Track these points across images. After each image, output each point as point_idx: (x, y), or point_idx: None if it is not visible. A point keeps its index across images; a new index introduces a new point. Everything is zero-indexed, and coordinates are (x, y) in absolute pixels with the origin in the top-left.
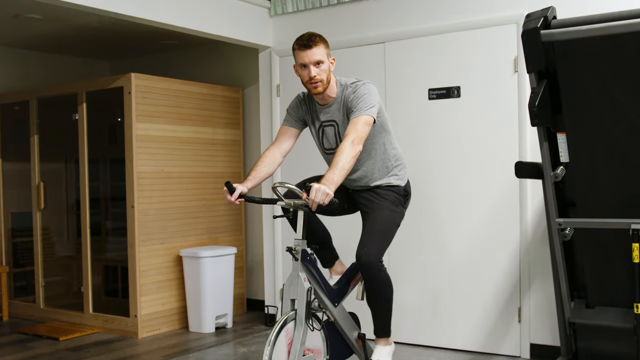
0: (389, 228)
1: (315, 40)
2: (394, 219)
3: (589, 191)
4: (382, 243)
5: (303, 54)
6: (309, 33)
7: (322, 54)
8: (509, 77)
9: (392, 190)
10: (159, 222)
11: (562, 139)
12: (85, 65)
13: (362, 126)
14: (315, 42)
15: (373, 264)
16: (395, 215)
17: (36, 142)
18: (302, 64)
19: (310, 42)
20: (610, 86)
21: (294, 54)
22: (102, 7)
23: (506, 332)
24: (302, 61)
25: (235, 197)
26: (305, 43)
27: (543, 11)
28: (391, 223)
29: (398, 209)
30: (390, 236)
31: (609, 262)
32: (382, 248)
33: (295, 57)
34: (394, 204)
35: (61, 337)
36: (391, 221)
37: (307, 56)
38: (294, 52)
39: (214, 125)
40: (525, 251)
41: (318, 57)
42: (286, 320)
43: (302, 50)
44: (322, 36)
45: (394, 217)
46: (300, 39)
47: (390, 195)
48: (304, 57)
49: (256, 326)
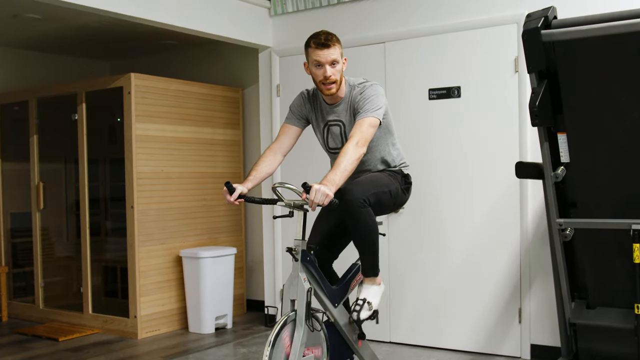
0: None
1: (333, 39)
2: (387, 181)
3: (590, 191)
4: (369, 189)
5: (320, 52)
6: (325, 32)
7: (337, 54)
8: (510, 77)
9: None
10: (159, 223)
11: (563, 139)
12: (84, 65)
13: (367, 128)
14: (332, 42)
15: (355, 201)
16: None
17: (35, 143)
18: (317, 63)
19: (328, 41)
20: (611, 86)
21: (308, 51)
22: (102, 7)
23: (506, 332)
24: (317, 60)
25: (234, 197)
26: (323, 42)
27: (544, 11)
28: (382, 181)
29: (393, 180)
30: (380, 189)
31: (609, 263)
32: (367, 191)
33: (310, 54)
34: (390, 175)
35: (60, 338)
36: (383, 180)
37: (324, 55)
38: (308, 49)
39: (213, 125)
40: (526, 251)
41: (334, 57)
42: (286, 320)
43: (319, 49)
44: (337, 35)
45: (387, 180)
46: (316, 37)
47: (387, 172)
48: (321, 56)
49: (256, 327)
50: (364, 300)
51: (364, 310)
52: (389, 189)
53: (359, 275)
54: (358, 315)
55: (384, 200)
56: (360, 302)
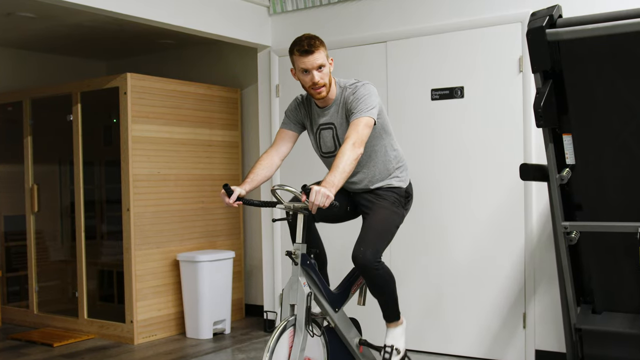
0: (387, 229)
1: (316, 44)
2: (393, 219)
3: (596, 194)
4: (380, 243)
5: (305, 59)
6: (306, 36)
7: (323, 58)
8: (514, 77)
9: (393, 192)
10: (155, 226)
11: (568, 140)
12: (80, 65)
13: (362, 128)
14: (316, 47)
15: (369, 265)
16: (395, 216)
17: (30, 144)
18: (303, 69)
19: (311, 47)
20: (617, 86)
21: (293, 59)
22: (98, 6)
23: (511, 338)
24: (303, 67)
25: (233, 199)
26: (306, 49)
27: (548, 9)
28: (390, 224)
29: (398, 210)
30: (388, 237)
31: (616, 267)
32: (379, 248)
33: (295, 62)
34: (394, 204)
35: (55, 343)
36: (390, 222)
37: (309, 62)
38: (293, 57)
39: (211, 126)
40: (530, 255)
41: (320, 62)
42: (285, 326)
43: (303, 56)
44: (320, 38)
45: (393, 218)
46: (299, 44)
47: (391, 196)
48: (306, 63)
49: (255, 332)
50: (392, 347)
51: (394, 357)
52: (396, 227)
53: (360, 279)
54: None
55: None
56: (388, 349)
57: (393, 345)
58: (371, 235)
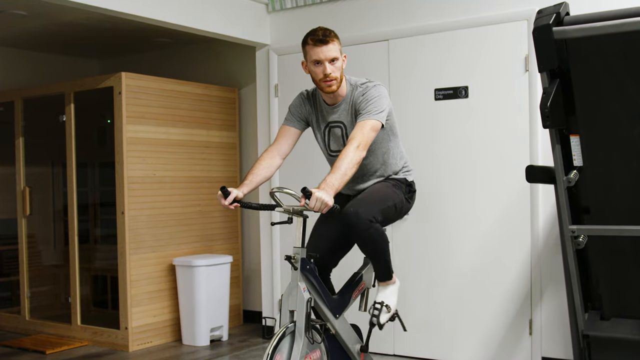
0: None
1: (331, 35)
2: (392, 196)
3: (604, 196)
4: (375, 206)
5: (318, 49)
6: (322, 28)
7: (337, 51)
8: (520, 77)
9: (394, 179)
10: (151, 229)
11: (576, 141)
12: (73, 64)
13: (368, 131)
14: (331, 38)
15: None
16: (394, 195)
17: (21, 145)
18: (315, 61)
19: (326, 37)
20: (626, 86)
21: (306, 49)
22: (91, 3)
23: (516, 344)
24: (316, 57)
25: (229, 201)
26: (320, 38)
27: (555, 7)
28: (388, 196)
29: (398, 191)
30: (385, 203)
31: (624, 272)
32: (374, 209)
33: (308, 52)
34: (394, 186)
35: (48, 351)
36: (389, 194)
37: (323, 52)
38: (306, 47)
39: (208, 127)
40: (537, 260)
41: (333, 54)
42: (285, 332)
43: (317, 46)
44: (335, 32)
45: (393, 193)
46: (314, 33)
47: (391, 180)
48: (319, 54)
49: (253, 339)
50: (381, 304)
51: (383, 314)
52: (393, 202)
53: (362, 284)
54: (378, 320)
55: (389, 215)
56: (377, 305)
57: (383, 301)
58: (365, 198)
